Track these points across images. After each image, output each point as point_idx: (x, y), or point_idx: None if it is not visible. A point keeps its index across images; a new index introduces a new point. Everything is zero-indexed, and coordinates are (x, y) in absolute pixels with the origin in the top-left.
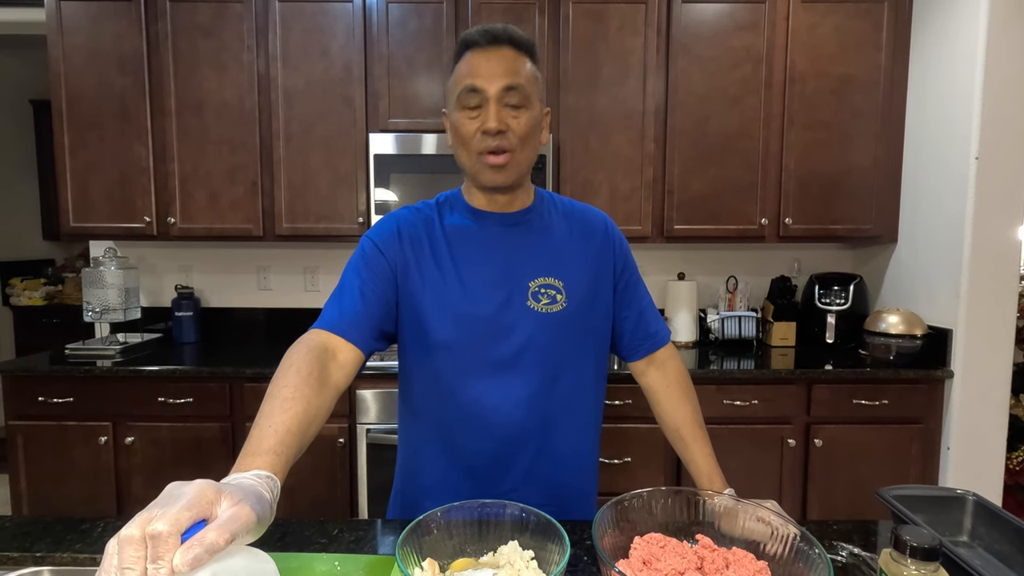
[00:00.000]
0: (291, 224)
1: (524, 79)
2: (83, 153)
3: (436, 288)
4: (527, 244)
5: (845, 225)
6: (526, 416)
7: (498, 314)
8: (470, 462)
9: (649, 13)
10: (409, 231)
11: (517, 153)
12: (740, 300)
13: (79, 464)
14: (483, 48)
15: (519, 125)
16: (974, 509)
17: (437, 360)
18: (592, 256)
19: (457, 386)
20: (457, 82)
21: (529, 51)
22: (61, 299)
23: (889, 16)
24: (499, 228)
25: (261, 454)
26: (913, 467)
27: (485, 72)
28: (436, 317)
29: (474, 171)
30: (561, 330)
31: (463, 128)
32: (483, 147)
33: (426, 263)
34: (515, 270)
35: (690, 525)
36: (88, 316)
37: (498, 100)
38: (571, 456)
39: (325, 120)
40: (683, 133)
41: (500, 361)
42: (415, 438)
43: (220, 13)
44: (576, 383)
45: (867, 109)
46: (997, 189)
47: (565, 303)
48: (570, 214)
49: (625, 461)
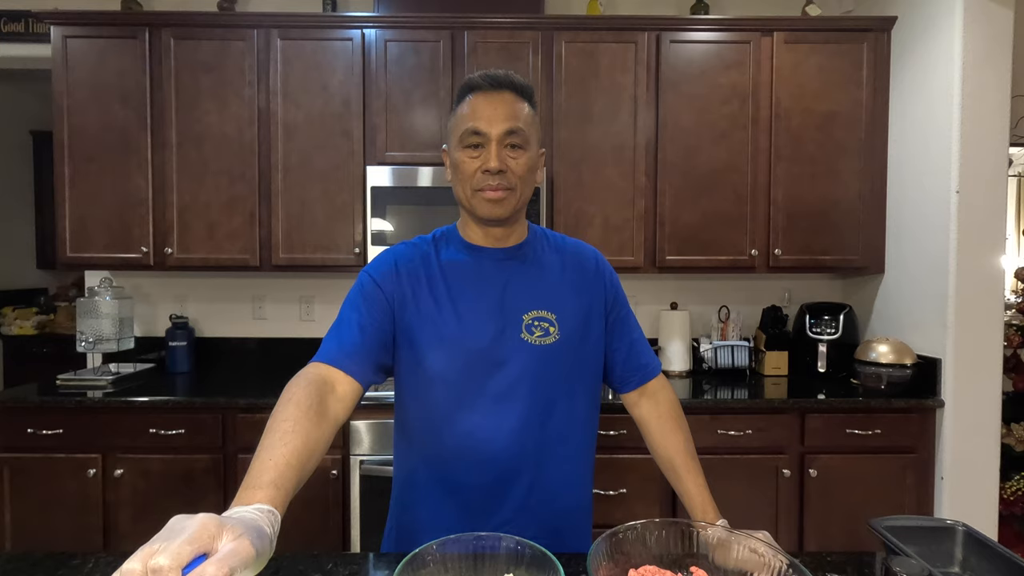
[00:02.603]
0: (288, 254)
1: (524, 123)
2: (83, 184)
3: (432, 321)
4: (521, 278)
5: (833, 256)
6: (520, 447)
7: (493, 346)
8: (465, 494)
9: (639, 52)
10: (406, 266)
11: (516, 191)
12: (732, 329)
13: (66, 497)
14: (486, 92)
15: (518, 165)
16: (965, 540)
17: (433, 392)
18: (584, 290)
19: (452, 418)
20: (460, 123)
21: (529, 96)
22: (52, 328)
23: (868, 55)
24: (494, 262)
25: (262, 487)
26: (908, 497)
27: (488, 115)
28: (432, 349)
29: (472, 205)
30: (554, 362)
31: (465, 166)
32: (483, 185)
33: (423, 296)
34: (509, 303)
35: (684, 557)
36: (81, 347)
37: (499, 142)
38: (565, 487)
39: (323, 153)
40: (673, 166)
41: (494, 393)
42: (410, 470)
43: (223, 50)
44: (569, 414)
45: (850, 144)
46: (978, 221)
47: (558, 335)
48: (562, 249)
49: (620, 492)
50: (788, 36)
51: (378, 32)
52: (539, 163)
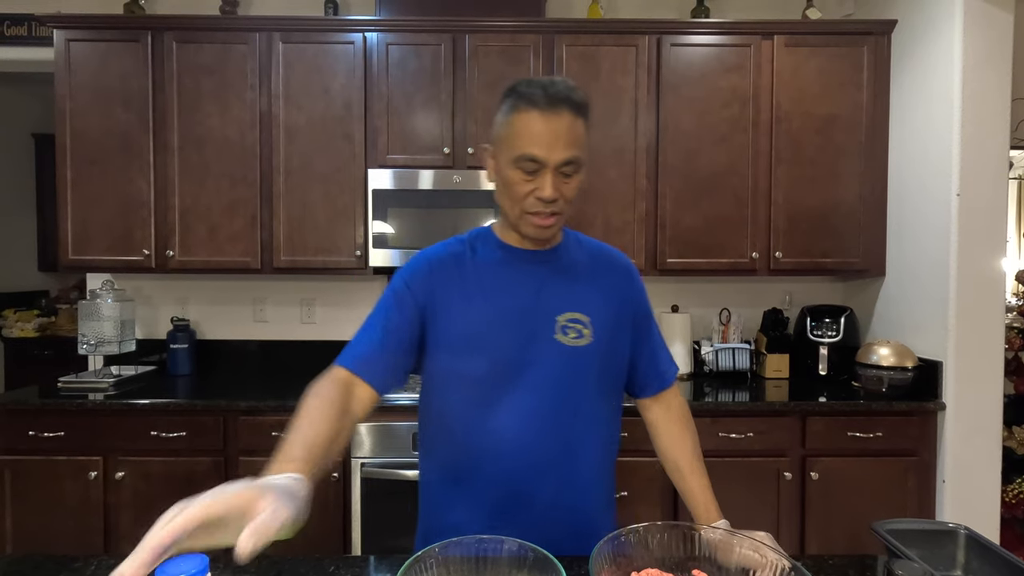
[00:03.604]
0: (289, 257)
1: (580, 148)
2: (85, 187)
3: (465, 321)
4: (555, 279)
5: (834, 259)
6: (550, 448)
7: (526, 347)
8: (493, 495)
9: (639, 55)
10: (439, 267)
11: (563, 213)
12: (733, 332)
13: (67, 500)
14: (543, 112)
15: (570, 191)
16: (967, 543)
17: (463, 392)
18: (615, 294)
19: (483, 418)
20: (514, 141)
21: (585, 112)
22: (54, 331)
23: (869, 58)
24: (529, 264)
25: (292, 460)
26: (910, 500)
27: (546, 142)
28: (464, 349)
29: (518, 224)
30: (587, 363)
31: (516, 188)
32: (535, 210)
33: (455, 298)
34: (543, 304)
35: (686, 560)
36: (83, 349)
37: (556, 170)
38: (592, 488)
39: (325, 156)
40: (674, 169)
41: (526, 393)
42: (438, 471)
43: (224, 53)
44: (597, 416)
45: (851, 147)
46: (979, 224)
47: (591, 337)
48: (595, 253)
49: (622, 495)
50: (788, 39)
51: (379, 35)
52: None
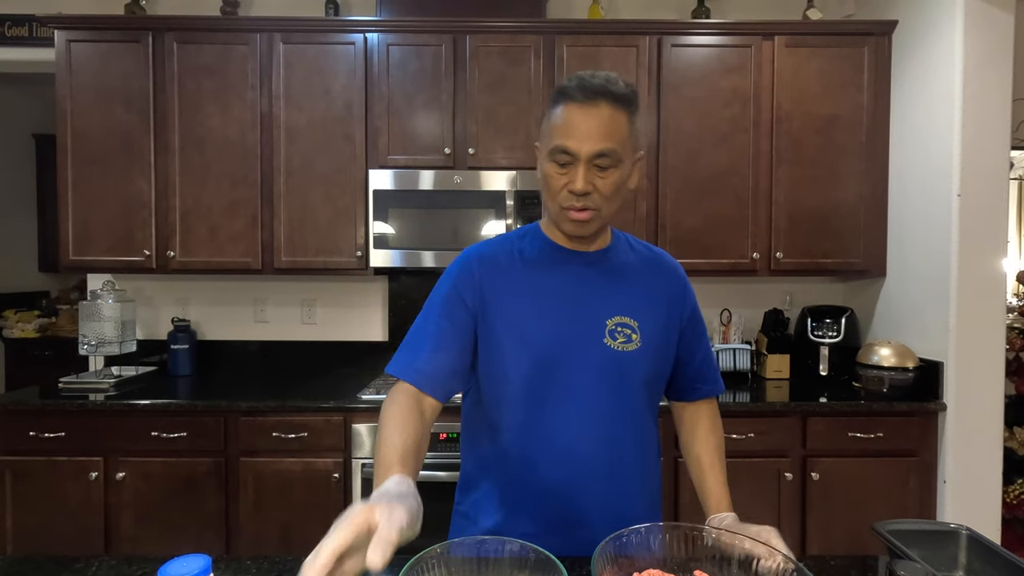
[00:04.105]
0: (290, 257)
1: (617, 142)
2: (86, 187)
3: (515, 323)
4: (605, 283)
5: (834, 259)
6: (599, 452)
7: (575, 349)
8: (541, 499)
9: (640, 55)
10: (487, 266)
11: (601, 210)
12: (734, 333)
13: (68, 500)
14: (580, 104)
15: (606, 185)
16: (968, 543)
17: (512, 393)
18: (664, 299)
19: (531, 419)
20: (551, 134)
21: (628, 103)
22: (54, 331)
23: (869, 59)
24: (579, 266)
25: (392, 466)
26: (911, 500)
27: (579, 133)
28: (514, 349)
29: (557, 220)
30: (635, 368)
31: (552, 181)
32: (568, 204)
33: (505, 299)
34: (593, 307)
35: (688, 561)
36: (83, 349)
37: (588, 162)
38: (639, 494)
39: (326, 156)
40: (675, 170)
41: (575, 396)
42: (483, 473)
43: (225, 54)
44: (644, 420)
45: (852, 147)
46: (980, 224)
47: (640, 342)
48: (646, 258)
49: None
50: (789, 40)
51: (380, 36)
52: (633, 171)
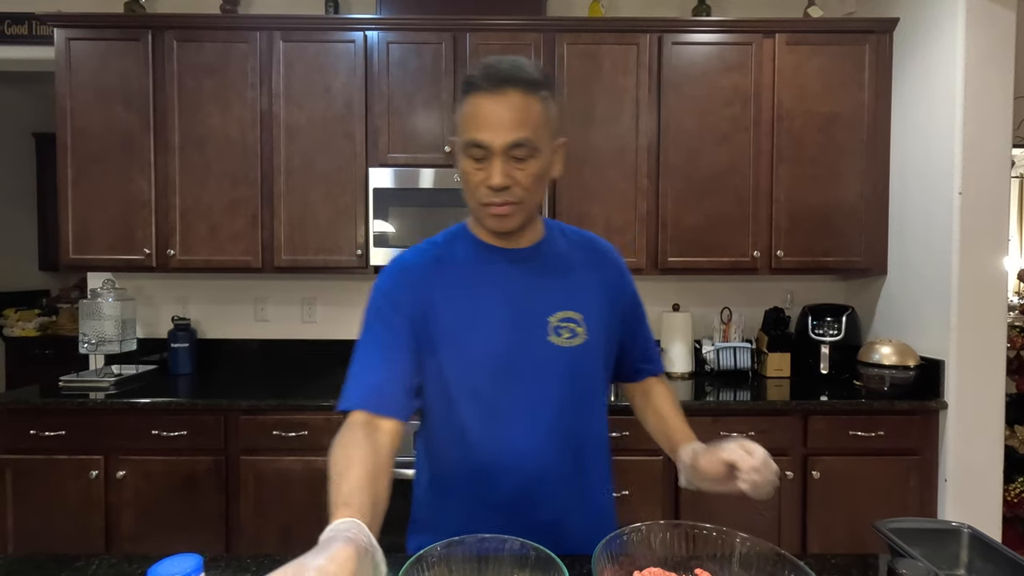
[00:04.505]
0: (290, 256)
1: (532, 129)
2: (86, 186)
3: (452, 332)
4: (543, 278)
5: (835, 257)
6: (554, 454)
7: (519, 352)
8: (498, 506)
9: (640, 54)
10: (417, 273)
11: (524, 203)
12: (735, 331)
13: (69, 499)
14: (488, 94)
15: (525, 177)
16: (970, 542)
17: (460, 404)
18: (604, 286)
19: (482, 430)
20: (463, 128)
21: (540, 87)
22: (55, 330)
23: (871, 57)
24: (513, 264)
25: (334, 513)
26: (912, 499)
27: (490, 124)
28: (455, 359)
29: (479, 216)
30: (583, 363)
31: (469, 177)
32: (488, 200)
33: (440, 308)
34: (534, 306)
35: (689, 559)
36: (84, 348)
37: (503, 154)
38: (598, 487)
39: (326, 155)
40: (675, 168)
41: (526, 400)
42: (438, 483)
43: (225, 53)
44: (595, 413)
45: (853, 145)
46: (981, 223)
47: (586, 336)
48: (580, 244)
49: (623, 494)
50: (790, 38)
51: (380, 34)
52: (554, 159)
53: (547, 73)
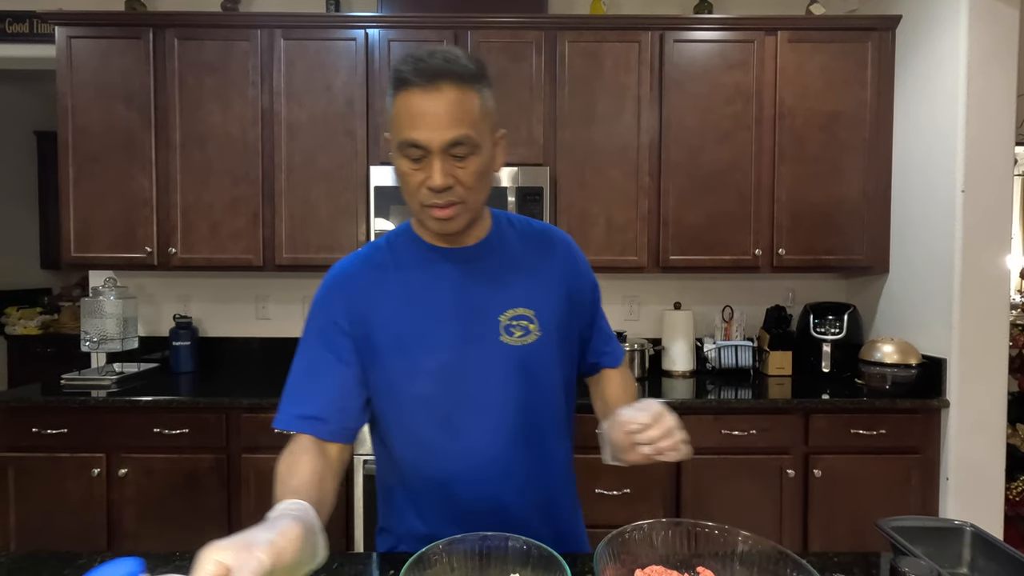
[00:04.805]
0: (291, 254)
1: (470, 125)
2: (87, 184)
3: (398, 340)
4: (491, 276)
5: (837, 256)
6: (515, 456)
7: (470, 355)
8: (461, 513)
9: (642, 52)
10: (356, 281)
11: (467, 202)
12: (736, 329)
13: (71, 497)
14: (421, 89)
15: (467, 175)
16: (972, 540)
17: (412, 415)
18: (558, 277)
19: (437, 441)
20: (396, 127)
21: (475, 79)
22: (56, 328)
23: (873, 55)
24: (459, 264)
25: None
26: (913, 497)
27: (426, 123)
28: (403, 370)
29: (421, 218)
30: (539, 361)
31: (407, 179)
32: (429, 202)
33: (384, 316)
34: (483, 306)
35: (691, 557)
36: (85, 346)
37: (442, 153)
38: (562, 485)
39: (327, 153)
40: (677, 166)
41: (480, 406)
42: (398, 490)
43: (226, 51)
44: (556, 410)
45: (855, 144)
46: (984, 221)
47: (539, 332)
48: (532, 237)
49: (624, 492)
50: (792, 35)
51: (381, 32)
52: (496, 152)
53: (482, 63)
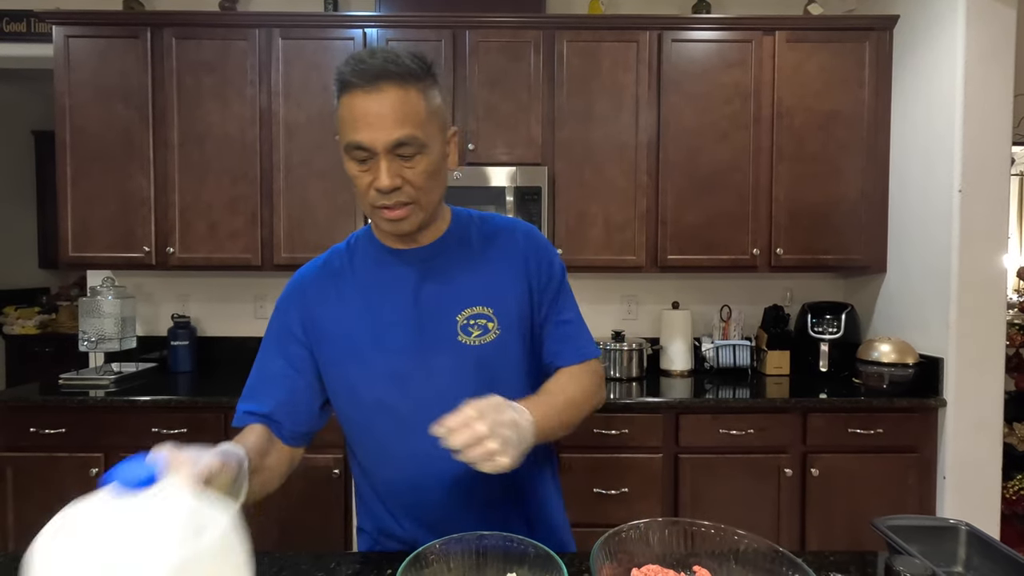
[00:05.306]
0: (289, 253)
1: (415, 125)
2: (85, 184)
3: (354, 343)
4: (448, 276)
5: (835, 255)
6: None
7: (426, 357)
8: (429, 513)
9: (640, 51)
10: (312, 286)
11: (419, 201)
12: (734, 329)
13: (69, 497)
14: (363, 90)
15: (416, 175)
16: (968, 539)
17: (372, 419)
18: (520, 273)
19: (399, 444)
20: (342, 130)
21: (419, 78)
22: (55, 328)
23: (871, 55)
24: (414, 265)
25: None
26: (910, 496)
27: (369, 124)
28: (360, 375)
29: (374, 219)
30: (499, 359)
31: (356, 180)
32: (380, 203)
33: (339, 320)
34: (439, 306)
35: (687, 556)
36: (84, 346)
37: (388, 154)
38: (534, 481)
39: (325, 152)
40: (675, 165)
41: (440, 407)
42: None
43: (224, 50)
44: None
45: (853, 143)
46: (981, 221)
47: (498, 330)
48: (493, 234)
49: (622, 491)
50: (790, 35)
51: (379, 31)
52: (448, 150)
53: (427, 61)
